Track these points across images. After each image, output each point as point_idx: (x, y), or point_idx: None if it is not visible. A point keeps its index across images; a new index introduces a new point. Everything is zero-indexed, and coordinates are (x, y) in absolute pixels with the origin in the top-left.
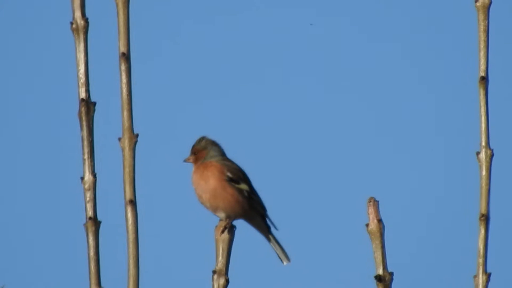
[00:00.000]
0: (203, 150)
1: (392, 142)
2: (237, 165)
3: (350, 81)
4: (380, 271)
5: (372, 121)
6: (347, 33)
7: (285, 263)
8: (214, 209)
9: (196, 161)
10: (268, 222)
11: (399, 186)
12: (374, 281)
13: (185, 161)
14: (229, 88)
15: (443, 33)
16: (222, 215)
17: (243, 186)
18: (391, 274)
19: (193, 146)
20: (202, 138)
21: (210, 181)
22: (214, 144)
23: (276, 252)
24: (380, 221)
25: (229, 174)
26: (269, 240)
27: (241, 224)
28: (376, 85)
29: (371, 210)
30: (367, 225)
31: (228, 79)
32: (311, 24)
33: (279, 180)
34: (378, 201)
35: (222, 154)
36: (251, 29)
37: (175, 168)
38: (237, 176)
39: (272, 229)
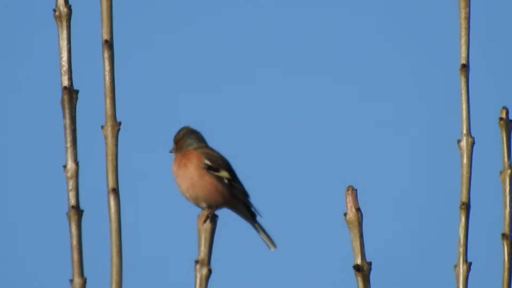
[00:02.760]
0: (181, 139)
1: (371, 130)
2: (217, 153)
3: (331, 70)
4: (359, 261)
5: (351, 109)
6: (331, 24)
7: (272, 249)
8: (195, 199)
9: (176, 151)
10: (252, 210)
11: (378, 175)
12: (353, 270)
13: (170, 151)
14: (212, 77)
15: (424, 20)
16: (203, 204)
17: (223, 174)
18: (370, 263)
19: (174, 137)
20: (182, 128)
21: (187, 170)
22: (192, 132)
23: (263, 239)
24: (358, 210)
25: (207, 161)
26: (254, 227)
27: (223, 213)
28: (355, 72)
29: (349, 199)
30: (345, 214)
31: (214, 69)
32: None
33: (257, 169)
34: (356, 190)
35: (201, 141)
36: (241, 23)
37: (158, 156)
38: (216, 164)
39: (257, 216)
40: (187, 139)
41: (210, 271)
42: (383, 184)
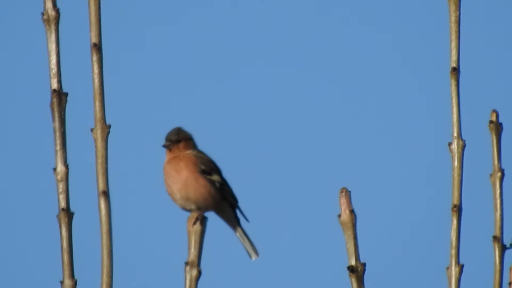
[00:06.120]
0: (186, 142)
1: (363, 133)
2: (208, 157)
3: (323, 71)
4: (353, 262)
5: (343, 112)
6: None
7: (253, 257)
8: (185, 200)
9: (172, 150)
10: (239, 214)
11: (372, 177)
12: (347, 272)
13: (165, 146)
14: (202, 78)
15: (415, 24)
16: (192, 206)
17: (215, 177)
18: (364, 264)
19: (177, 135)
20: (183, 130)
21: (183, 173)
22: (191, 137)
23: (244, 246)
24: (352, 211)
25: (202, 165)
26: (238, 233)
27: (213, 216)
28: (346, 75)
29: (343, 200)
30: (339, 215)
31: (203, 70)
32: None
33: (251, 171)
34: (350, 192)
35: (196, 145)
36: (225, 23)
37: (148, 158)
38: (209, 168)
39: (242, 222)
40: (190, 142)
41: (200, 273)
42: (376, 186)
